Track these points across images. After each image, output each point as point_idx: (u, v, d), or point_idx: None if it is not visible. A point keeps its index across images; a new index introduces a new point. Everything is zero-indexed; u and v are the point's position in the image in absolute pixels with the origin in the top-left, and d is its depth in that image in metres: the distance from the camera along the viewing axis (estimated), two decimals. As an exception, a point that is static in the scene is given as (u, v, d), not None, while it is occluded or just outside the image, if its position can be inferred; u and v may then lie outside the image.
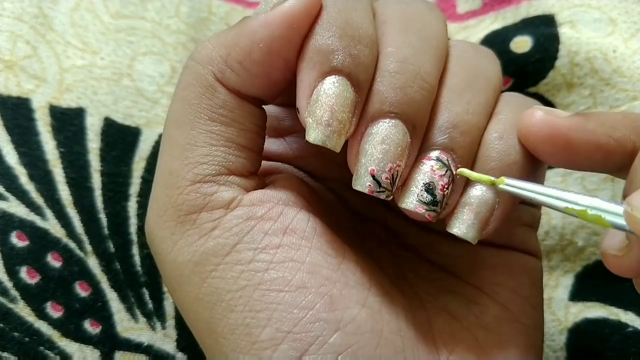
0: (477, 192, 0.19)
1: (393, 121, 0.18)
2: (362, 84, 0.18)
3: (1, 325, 0.23)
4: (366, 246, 0.21)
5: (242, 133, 0.19)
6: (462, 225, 0.19)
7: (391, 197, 0.18)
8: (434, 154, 0.18)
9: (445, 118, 0.19)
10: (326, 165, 0.23)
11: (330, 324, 0.18)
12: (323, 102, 0.18)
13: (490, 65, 0.21)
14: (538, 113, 0.18)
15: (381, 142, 0.18)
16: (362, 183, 0.18)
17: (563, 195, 0.17)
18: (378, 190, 0.18)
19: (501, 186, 0.18)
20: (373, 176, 0.18)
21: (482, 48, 0.22)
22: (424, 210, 0.18)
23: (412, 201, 0.18)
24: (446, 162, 0.18)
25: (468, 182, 0.19)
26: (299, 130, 0.23)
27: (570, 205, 0.16)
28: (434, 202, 0.18)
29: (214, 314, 0.18)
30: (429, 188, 0.18)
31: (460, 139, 0.19)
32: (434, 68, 0.19)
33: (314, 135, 0.18)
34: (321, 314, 0.18)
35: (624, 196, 0.17)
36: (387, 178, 0.18)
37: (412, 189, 0.18)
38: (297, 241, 0.18)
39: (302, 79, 0.18)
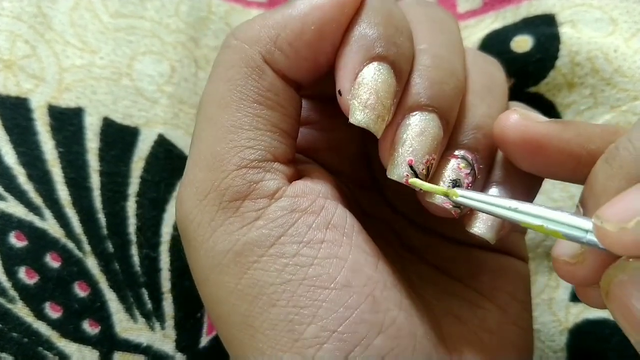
0: (495, 194, 0.19)
1: (430, 115, 0.18)
2: (403, 74, 0.18)
3: (0, 325, 0.23)
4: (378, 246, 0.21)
5: (284, 118, 0.19)
6: (482, 225, 0.19)
7: None
8: (460, 152, 0.19)
9: (471, 119, 0.19)
10: (336, 161, 0.23)
11: (373, 325, 0.17)
12: (369, 86, 0.18)
13: (499, 73, 0.21)
14: (514, 116, 0.18)
15: (420, 134, 0.18)
16: (399, 172, 0.18)
17: (520, 207, 0.16)
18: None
19: (456, 198, 0.17)
20: (411, 166, 0.18)
21: (488, 56, 0.22)
22: (450, 207, 0.18)
23: (440, 196, 0.18)
24: (471, 162, 0.19)
25: (487, 184, 0.19)
26: (312, 122, 0.23)
27: (526, 219, 0.16)
28: None
29: (254, 308, 0.17)
30: (456, 185, 0.18)
31: (484, 141, 0.19)
32: (463, 69, 0.19)
33: (359, 118, 0.18)
34: (365, 314, 0.17)
35: (581, 202, 0.17)
36: (423, 170, 0.18)
37: (439, 184, 0.19)
38: (339, 238, 0.18)
39: (345, 62, 0.18)
